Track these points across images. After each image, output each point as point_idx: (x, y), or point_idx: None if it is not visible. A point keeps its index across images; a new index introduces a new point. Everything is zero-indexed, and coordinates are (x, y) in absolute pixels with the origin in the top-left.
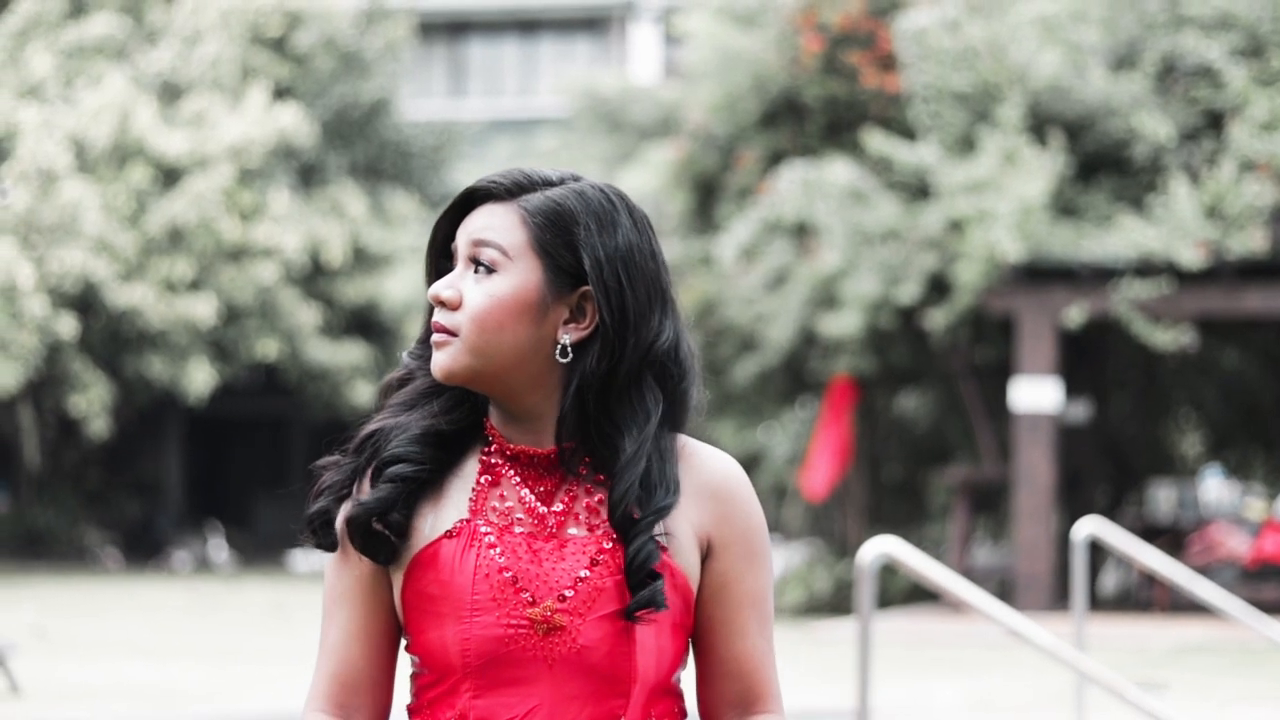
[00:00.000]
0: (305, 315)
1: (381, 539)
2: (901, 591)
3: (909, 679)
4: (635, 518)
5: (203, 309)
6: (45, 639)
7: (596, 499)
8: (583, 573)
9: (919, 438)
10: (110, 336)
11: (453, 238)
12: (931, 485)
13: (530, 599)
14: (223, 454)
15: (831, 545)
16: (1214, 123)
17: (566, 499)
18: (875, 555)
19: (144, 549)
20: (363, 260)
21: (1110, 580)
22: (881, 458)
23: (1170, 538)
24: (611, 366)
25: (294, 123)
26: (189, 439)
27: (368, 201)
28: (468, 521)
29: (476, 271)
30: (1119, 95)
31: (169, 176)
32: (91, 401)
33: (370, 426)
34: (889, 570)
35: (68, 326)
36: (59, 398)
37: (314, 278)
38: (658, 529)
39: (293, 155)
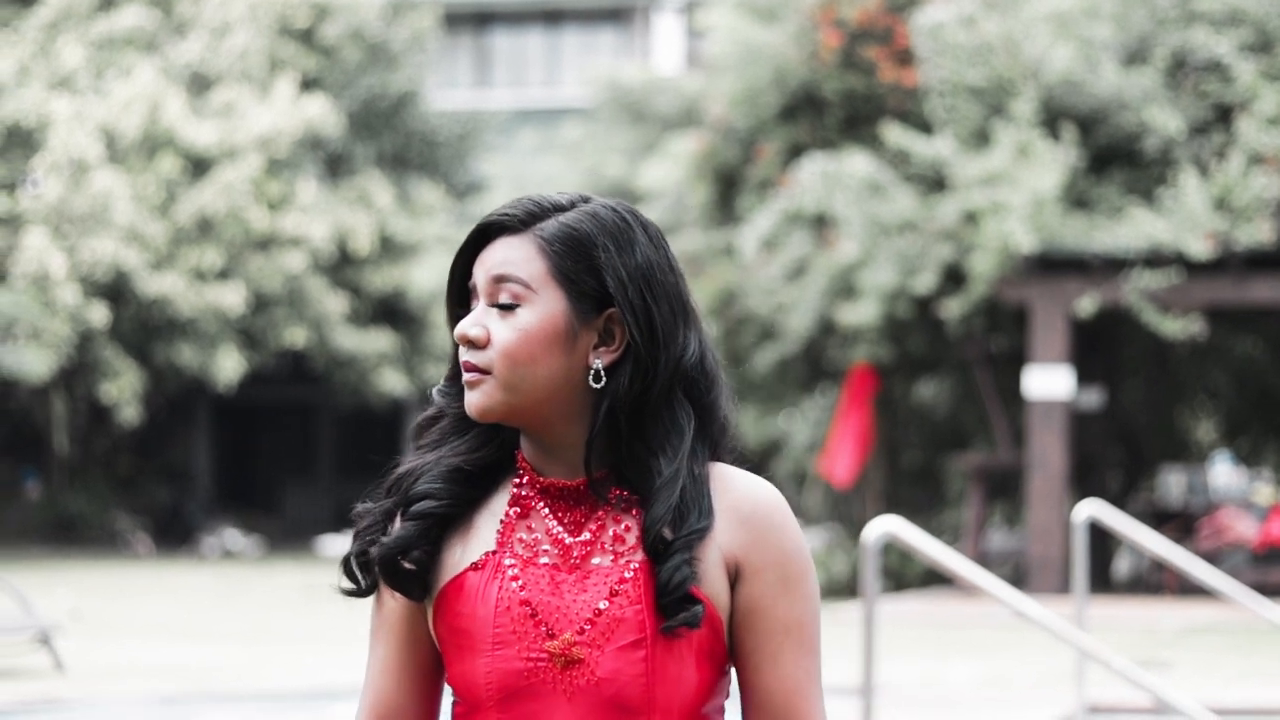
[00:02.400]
0: (333, 303)
1: (409, 575)
2: (917, 576)
3: (921, 659)
4: (668, 540)
5: (232, 297)
6: (82, 621)
7: (623, 526)
8: (601, 604)
9: (936, 424)
10: (141, 325)
11: (469, 274)
12: (949, 471)
13: (548, 632)
14: (251, 440)
15: (850, 530)
16: (1223, 116)
17: (594, 528)
18: (879, 534)
19: (174, 534)
20: (389, 249)
21: (1124, 565)
22: (900, 444)
23: (1180, 522)
24: (645, 386)
25: (321, 113)
26: (218, 426)
27: (394, 191)
28: (493, 554)
29: (501, 307)
30: (1130, 89)
31: (198, 166)
32: (122, 389)
33: (401, 468)
34: (905, 556)
35: (99, 315)
36: (90, 385)
37: (341, 266)
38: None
39: (320, 145)
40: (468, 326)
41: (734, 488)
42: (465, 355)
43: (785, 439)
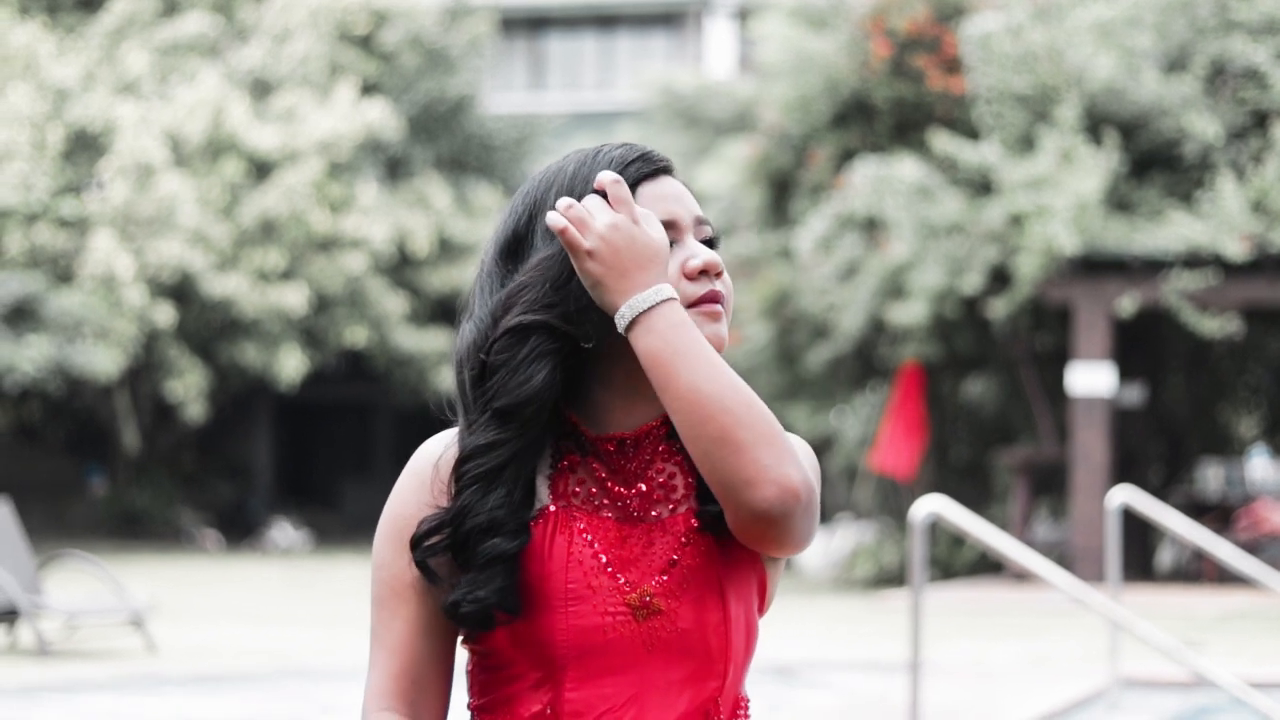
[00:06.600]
0: (392, 304)
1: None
2: (966, 564)
3: (967, 642)
4: None
5: (294, 298)
6: (160, 609)
7: (668, 474)
8: (675, 556)
9: (983, 421)
10: (205, 324)
11: None
12: (996, 466)
13: (627, 585)
14: (312, 438)
15: (900, 523)
16: (1260, 122)
17: (647, 479)
18: (926, 514)
19: (236, 530)
20: (447, 250)
21: (1166, 557)
22: (948, 440)
23: (1219, 514)
24: None
25: (381, 117)
26: (279, 423)
27: (452, 193)
28: (551, 508)
29: (707, 244)
30: (1170, 96)
31: (261, 170)
32: (188, 387)
33: (460, 501)
34: (953, 545)
35: (165, 315)
36: (156, 384)
37: (401, 267)
38: None
39: (380, 149)
40: (711, 256)
41: None
42: (713, 285)
43: (837, 435)
